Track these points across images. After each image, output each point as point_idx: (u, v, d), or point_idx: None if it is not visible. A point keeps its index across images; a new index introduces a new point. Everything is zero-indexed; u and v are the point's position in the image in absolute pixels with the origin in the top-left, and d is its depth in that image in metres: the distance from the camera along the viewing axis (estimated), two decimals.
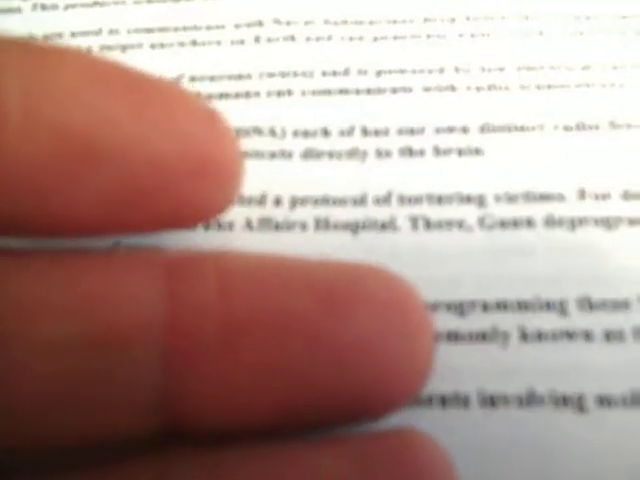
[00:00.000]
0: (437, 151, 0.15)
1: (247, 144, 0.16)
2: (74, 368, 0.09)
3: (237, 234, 0.14)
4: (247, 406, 0.10)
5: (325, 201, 0.15)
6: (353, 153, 0.15)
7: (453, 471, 0.10)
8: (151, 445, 0.10)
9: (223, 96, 0.17)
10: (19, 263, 0.10)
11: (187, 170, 0.10)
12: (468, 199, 0.15)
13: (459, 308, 0.13)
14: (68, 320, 0.09)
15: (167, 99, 0.10)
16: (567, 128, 0.15)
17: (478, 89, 0.16)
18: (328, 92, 0.16)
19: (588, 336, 0.13)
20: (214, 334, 0.10)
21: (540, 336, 0.13)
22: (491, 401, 0.12)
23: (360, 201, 0.15)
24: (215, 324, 0.10)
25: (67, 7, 0.18)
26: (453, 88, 0.16)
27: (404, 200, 0.15)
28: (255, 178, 0.15)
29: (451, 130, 0.16)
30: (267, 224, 0.14)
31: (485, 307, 0.13)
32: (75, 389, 0.09)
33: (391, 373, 0.10)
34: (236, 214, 0.14)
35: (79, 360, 0.09)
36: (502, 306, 0.13)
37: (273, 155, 0.15)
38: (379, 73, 0.17)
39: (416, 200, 0.15)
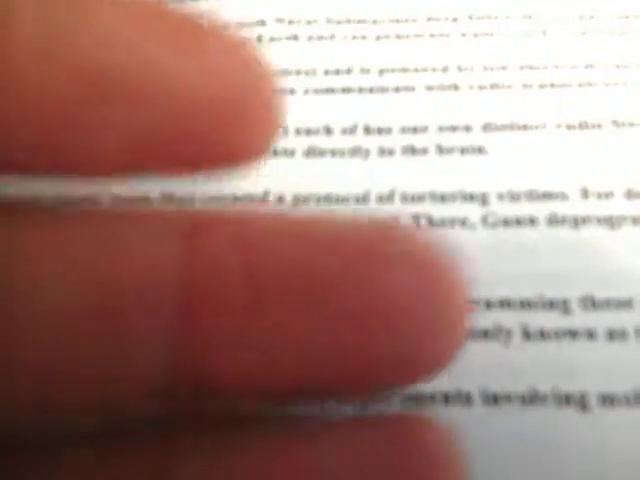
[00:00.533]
0: (440, 150, 0.15)
1: None
2: (79, 333, 0.09)
3: None
4: (269, 369, 0.10)
5: (328, 199, 0.15)
6: (356, 151, 0.15)
7: (461, 457, 0.10)
8: (154, 429, 0.10)
9: None
10: (33, 218, 0.09)
11: (221, 111, 0.09)
12: (471, 197, 0.15)
13: None
14: (79, 276, 0.09)
15: (202, 35, 0.09)
16: (570, 127, 0.15)
17: (481, 88, 0.16)
18: (331, 90, 0.17)
19: (591, 335, 0.13)
20: (235, 298, 0.09)
21: (543, 334, 0.13)
22: (494, 399, 0.12)
23: (363, 199, 0.15)
24: (236, 288, 0.09)
25: None
26: (456, 87, 0.16)
27: (407, 198, 0.15)
28: (258, 176, 0.15)
29: (454, 129, 0.16)
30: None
31: (488, 305, 0.13)
32: (81, 355, 0.09)
33: (425, 336, 0.10)
34: None
35: (85, 324, 0.09)
36: (505, 304, 0.13)
37: (275, 153, 0.15)
38: (382, 72, 0.17)
39: (419, 198, 0.15)
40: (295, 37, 0.17)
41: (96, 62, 0.09)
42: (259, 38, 0.18)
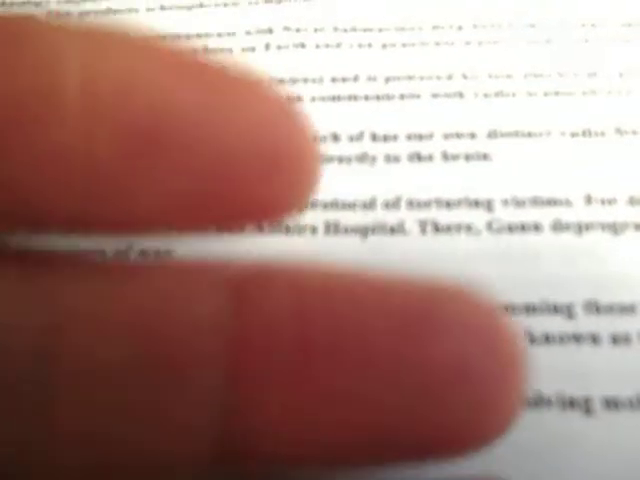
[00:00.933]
0: (445, 156, 0.16)
1: None
2: (129, 388, 0.09)
3: (247, 237, 0.15)
4: (317, 437, 0.09)
5: (335, 205, 0.15)
6: (362, 158, 0.16)
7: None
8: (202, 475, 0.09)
9: None
10: (68, 272, 0.09)
11: (260, 167, 0.09)
12: (476, 204, 0.15)
13: None
14: (119, 339, 0.09)
15: (241, 88, 0.09)
16: (574, 134, 0.16)
17: (486, 95, 0.16)
18: (338, 98, 0.17)
19: (595, 339, 0.13)
20: (285, 358, 0.09)
21: (547, 339, 0.13)
22: None
23: (369, 205, 0.15)
24: (287, 347, 0.09)
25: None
26: (461, 95, 0.17)
27: (413, 204, 0.15)
28: None
29: (459, 136, 0.16)
30: (277, 227, 0.15)
31: None
32: (130, 410, 0.09)
33: (481, 403, 0.09)
34: None
35: (134, 380, 0.09)
36: (510, 309, 0.13)
37: None
38: (388, 79, 0.17)
39: (425, 204, 0.15)
40: (302, 45, 0.18)
41: (140, 119, 0.08)
42: (267, 46, 0.18)
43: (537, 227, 0.14)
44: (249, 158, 0.09)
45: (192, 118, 0.08)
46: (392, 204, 0.15)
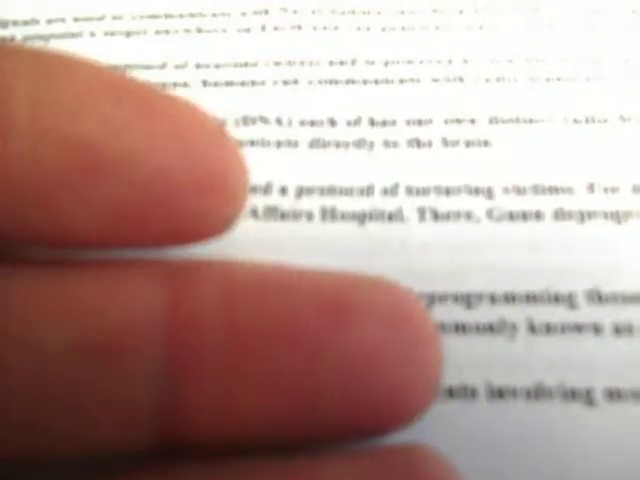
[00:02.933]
0: (445, 142, 0.15)
1: (253, 132, 0.15)
2: (67, 376, 0.09)
3: (242, 222, 0.14)
4: (248, 420, 0.10)
5: (332, 191, 0.15)
6: (360, 143, 0.15)
7: None
8: (144, 460, 0.10)
9: (229, 84, 0.16)
10: (16, 271, 0.10)
11: (193, 184, 0.10)
12: (476, 191, 0.14)
13: (466, 300, 0.13)
14: (63, 327, 0.09)
15: (175, 112, 0.10)
16: (576, 121, 0.15)
17: (487, 80, 0.16)
18: (335, 82, 0.16)
19: (597, 329, 0.13)
20: (216, 345, 0.10)
21: (549, 329, 0.13)
22: (499, 393, 0.12)
23: (367, 191, 0.15)
24: (218, 335, 0.10)
25: None
26: (461, 79, 0.16)
27: (412, 191, 0.14)
28: (261, 167, 0.15)
29: (459, 121, 0.15)
30: (273, 213, 0.14)
31: (493, 299, 0.13)
32: (68, 398, 0.09)
33: (398, 385, 0.10)
34: None
35: (73, 368, 0.09)
36: (510, 298, 0.13)
37: (279, 144, 0.15)
38: (387, 63, 0.17)
39: (424, 191, 0.14)
40: (299, 27, 0.17)
41: (78, 136, 0.09)
42: (263, 27, 0.17)
43: (538, 215, 0.14)
44: (181, 175, 0.09)
45: (129, 139, 0.09)
46: (390, 190, 0.15)
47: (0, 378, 0.09)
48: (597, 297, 0.13)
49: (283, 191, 0.15)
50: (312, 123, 0.16)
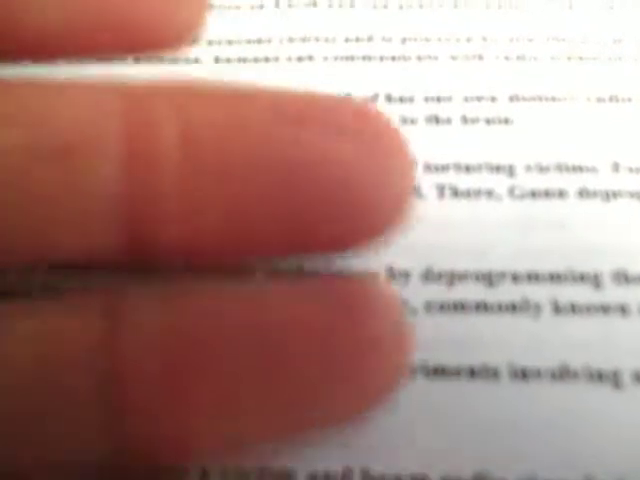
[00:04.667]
0: (465, 120, 0.15)
1: None
2: (28, 177, 0.09)
3: None
4: (209, 231, 0.09)
5: None
6: None
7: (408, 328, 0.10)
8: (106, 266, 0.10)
9: (242, 60, 0.16)
10: None
11: None
12: (497, 169, 0.14)
13: (488, 278, 0.13)
14: (16, 128, 0.09)
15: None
16: (600, 99, 0.15)
17: (507, 58, 0.16)
18: (351, 58, 0.16)
19: (624, 310, 0.12)
20: (172, 154, 0.09)
21: (574, 309, 0.12)
22: (522, 374, 0.12)
23: None
24: (174, 142, 0.09)
25: None
26: (481, 57, 0.16)
27: (430, 168, 0.14)
28: None
29: (479, 99, 0.15)
30: None
31: (515, 278, 0.13)
32: (30, 201, 0.09)
33: (367, 199, 0.10)
34: None
35: (31, 169, 0.09)
36: (533, 277, 0.13)
37: None
38: (404, 40, 0.16)
39: (443, 168, 0.14)
40: (314, 3, 0.17)
41: None
42: (276, 3, 0.17)
43: (562, 194, 0.14)
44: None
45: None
46: None
47: None
48: (624, 277, 0.13)
49: None
50: None
